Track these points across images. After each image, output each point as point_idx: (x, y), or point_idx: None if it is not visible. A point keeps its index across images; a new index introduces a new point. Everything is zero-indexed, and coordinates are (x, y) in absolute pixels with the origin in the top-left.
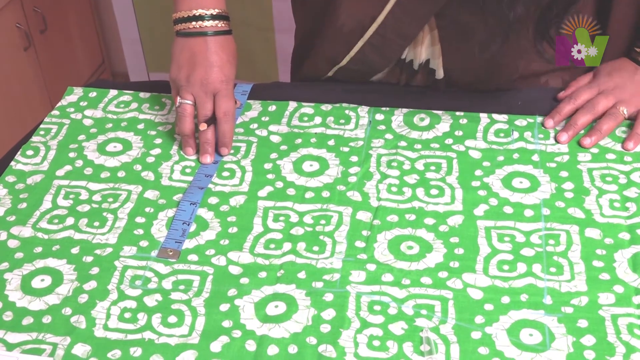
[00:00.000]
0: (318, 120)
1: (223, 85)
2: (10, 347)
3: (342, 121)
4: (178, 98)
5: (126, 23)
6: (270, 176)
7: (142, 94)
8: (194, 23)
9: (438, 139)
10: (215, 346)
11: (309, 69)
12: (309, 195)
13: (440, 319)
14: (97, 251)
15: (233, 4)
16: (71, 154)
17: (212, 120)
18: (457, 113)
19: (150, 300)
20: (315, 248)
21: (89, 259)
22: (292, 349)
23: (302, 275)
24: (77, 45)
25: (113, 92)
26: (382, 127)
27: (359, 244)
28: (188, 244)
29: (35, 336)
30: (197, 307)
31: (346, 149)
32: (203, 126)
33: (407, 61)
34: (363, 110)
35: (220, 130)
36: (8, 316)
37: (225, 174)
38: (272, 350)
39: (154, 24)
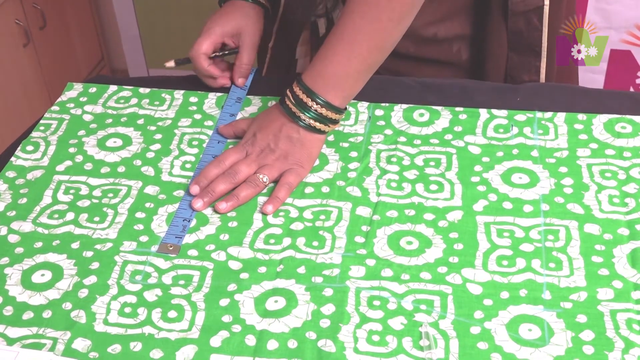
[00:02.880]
0: None
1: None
2: (10, 341)
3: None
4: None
5: (126, 19)
6: None
7: (141, 90)
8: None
9: (437, 134)
10: (215, 341)
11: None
12: (308, 190)
13: (439, 314)
14: (97, 246)
15: None
16: (71, 149)
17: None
18: (457, 109)
19: (150, 295)
20: (315, 243)
21: (89, 254)
22: (292, 344)
23: (301, 270)
24: (76, 41)
25: (113, 88)
26: (382, 122)
27: (359, 239)
28: (188, 239)
29: (36, 331)
30: (197, 302)
31: (346, 145)
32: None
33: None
34: (362, 106)
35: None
36: (8, 311)
37: None
38: (272, 345)
39: (154, 20)
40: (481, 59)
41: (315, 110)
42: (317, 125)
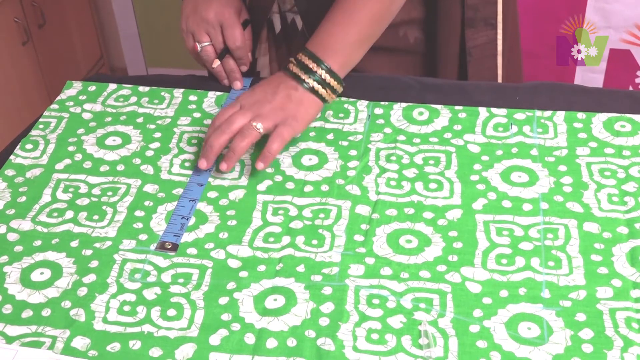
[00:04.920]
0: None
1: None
2: (9, 340)
3: (341, 115)
4: (197, 44)
5: (124, 17)
6: (269, 170)
7: (141, 88)
8: None
9: (437, 133)
10: (214, 339)
11: None
12: (308, 189)
13: (438, 312)
14: (97, 244)
15: None
16: (70, 148)
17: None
18: (456, 107)
19: (150, 294)
20: (314, 242)
21: (89, 252)
22: (291, 342)
23: (301, 268)
24: (75, 39)
25: (112, 86)
26: (381, 121)
27: (358, 237)
28: (187, 237)
29: (35, 329)
30: (196, 301)
31: (345, 143)
32: (216, 62)
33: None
34: (362, 105)
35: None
36: (7, 309)
37: None
38: (271, 343)
39: (153, 19)
40: (432, 42)
41: (320, 75)
42: (320, 89)
